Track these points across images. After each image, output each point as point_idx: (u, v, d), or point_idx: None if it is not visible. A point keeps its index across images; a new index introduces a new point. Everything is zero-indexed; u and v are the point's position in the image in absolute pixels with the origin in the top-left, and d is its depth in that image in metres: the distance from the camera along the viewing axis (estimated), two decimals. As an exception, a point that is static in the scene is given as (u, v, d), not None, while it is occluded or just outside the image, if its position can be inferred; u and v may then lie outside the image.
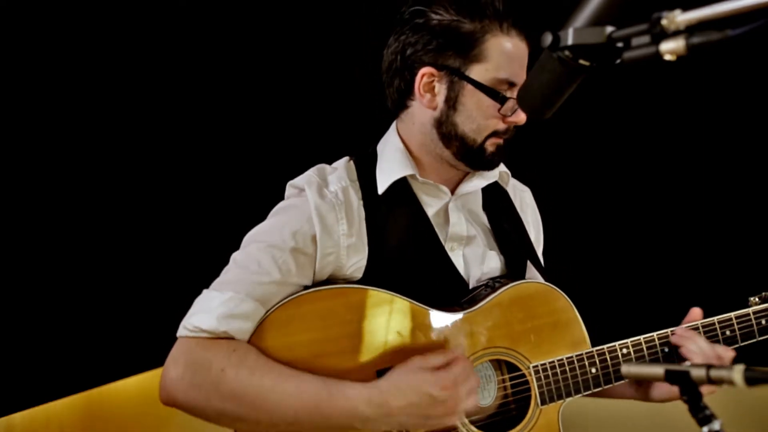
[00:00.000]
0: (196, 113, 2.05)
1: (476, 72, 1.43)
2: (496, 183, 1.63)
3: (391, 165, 1.51)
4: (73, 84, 1.93)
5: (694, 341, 1.48)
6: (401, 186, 1.50)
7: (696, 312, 1.56)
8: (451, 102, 1.45)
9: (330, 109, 2.12)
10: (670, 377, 0.90)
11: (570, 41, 0.88)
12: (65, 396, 1.91)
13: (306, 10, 2.10)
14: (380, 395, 1.31)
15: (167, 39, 2.00)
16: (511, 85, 1.43)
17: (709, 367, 0.86)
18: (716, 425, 0.86)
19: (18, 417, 1.86)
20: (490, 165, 1.52)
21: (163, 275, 1.96)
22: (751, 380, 0.83)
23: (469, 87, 1.43)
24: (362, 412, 1.30)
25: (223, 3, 2.06)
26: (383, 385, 1.32)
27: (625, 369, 0.97)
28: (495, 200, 1.65)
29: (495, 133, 1.47)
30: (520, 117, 1.45)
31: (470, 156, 1.48)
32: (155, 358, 1.35)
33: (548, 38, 0.90)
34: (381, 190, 1.48)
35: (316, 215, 1.41)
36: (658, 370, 0.91)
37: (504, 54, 1.43)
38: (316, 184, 1.46)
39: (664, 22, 0.79)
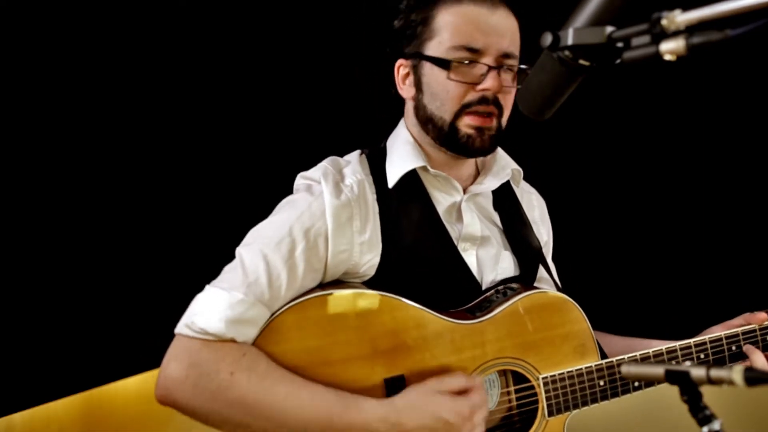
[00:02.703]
0: (193, 111, 2.04)
1: (431, 48, 1.44)
2: (506, 183, 1.61)
3: (401, 158, 1.49)
4: (71, 82, 1.93)
5: None
6: (412, 180, 1.48)
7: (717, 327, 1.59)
8: (418, 85, 1.47)
9: (329, 109, 2.11)
10: (669, 377, 0.90)
11: (570, 41, 0.88)
12: (65, 396, 1.90)
13: (306, 9, 2.10)
14: (396, 414, 1.28)
15: (168, 38, 1.99)
16: (473, 51, 1.40)
17: (709, 366, 0.87)
18: (716, 425, 0.86)
19: (18, 417, 1.86)
20: (467, 149, 1.44)
21: (163, 274, 1.95)
22: (751, 380, 0.82)
23: (427, 65, 1.45)
24: (375, 429, 1.27)
25: (224, 3, 2.06)
26: (399, 404, 1.29)
27: (626, 369, 0.97)
28: (505, 200, 1.64)
29: (466, 108, 1.42)
30: (487, 83, 1.40)
31: (446, 139, 1.44)
32: (155, 358, 1.33)
33: (548, 38, 0.90)
34: (391, 183, 1.45)
35: (330, 211, 1.37)
36: (658, 370, 0.91)
37: (454, 21, 1.42)
38: (332, 177, 1.42)
39: (664, 22, 0.79)
